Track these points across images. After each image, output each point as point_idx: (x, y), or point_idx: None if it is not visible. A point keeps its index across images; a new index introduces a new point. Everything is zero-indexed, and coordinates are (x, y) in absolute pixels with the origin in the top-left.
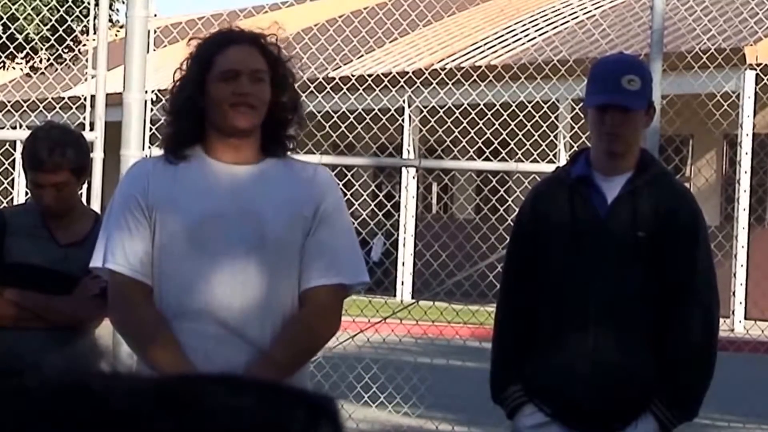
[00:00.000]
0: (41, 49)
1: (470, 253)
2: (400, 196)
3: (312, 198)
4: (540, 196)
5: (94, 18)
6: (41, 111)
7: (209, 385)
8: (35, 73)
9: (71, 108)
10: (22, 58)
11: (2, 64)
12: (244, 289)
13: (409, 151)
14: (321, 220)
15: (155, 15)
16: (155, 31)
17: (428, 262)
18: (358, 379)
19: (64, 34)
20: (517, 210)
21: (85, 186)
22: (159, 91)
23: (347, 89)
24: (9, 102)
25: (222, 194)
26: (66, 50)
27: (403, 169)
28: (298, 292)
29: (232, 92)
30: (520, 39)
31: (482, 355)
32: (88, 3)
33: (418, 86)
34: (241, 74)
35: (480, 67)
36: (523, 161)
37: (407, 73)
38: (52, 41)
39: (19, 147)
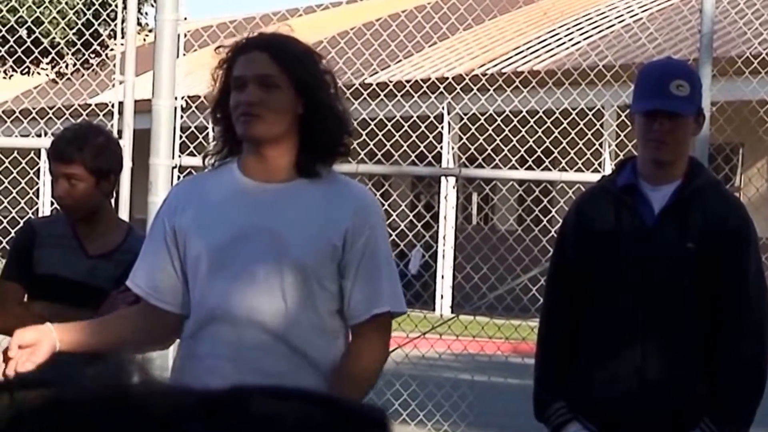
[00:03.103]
0: (67, 54)
1: (512, 266)
2: (439, 207)
3: (346, 229)
4: (584, 206)
5: (122, 22)
6: (67, 118)
7: (254, 394)
8: (61, 79)
9: (98, 115)
10: (47, 64)
11: (27, 70)
12: (268, 309)
13: (448, 160)
14: (364, 252)
15: (185, 18)
16: (185, 35)
17: (468, 275)
18: (397, 395)
19: (90, 39)
20: (561, 221)
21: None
22: (189, 97)
23: (384, 95)
24: (34, 109)
25: (249, 214)
26: (93, 55)
27: (443, 178)
28: (322, 316)
29: (239, 101)
30: (564, 43)
31: (525, 371)
32: (116, 6)
33: (458, 92)
34: (246, 81)
35: (522, 72)
36: (567, 170)
37: (447, 78)
38: (78, 46)
39: (44, 155)
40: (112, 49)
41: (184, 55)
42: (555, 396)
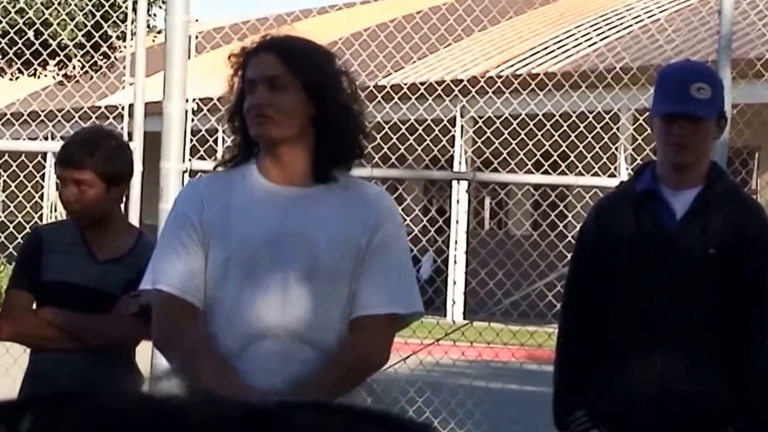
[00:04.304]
0: (75, 56)
1: (528, 272)
2: (450, 211)
3: (368, 227)
4: (603, 211)
5: (132, 23)
6: (76, 121)
7: (298, 406)
8: (69, 81)
9: (107, 117)
10: (54, 66)
11: (34, 72)
12: (292, 315)
13: (460, 164)
14: (377, 249)
15: (196, 20)
16: (197, 37)
17: (482, 281)
18: (411, 402)
19: (100, 41)
20: (579, 226)
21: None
22: (200, 99)
23: (398, 98)
24: (42, 111)
25: (273, 218)
26: (101, 57)
27: (454, 182)
28: (348, 320)
29: (250, 104)
30: (580, 44)
31: (540, 378)
32: (125, 8)
33: (472, 95)
34: (256, 84)
35: (538, 74)
36: (583, 174)
37: (461, 81)
38: (88, 48)
39: (50, 158)
40: (121, 51)
41: (195, 56)
42: (575, 404)
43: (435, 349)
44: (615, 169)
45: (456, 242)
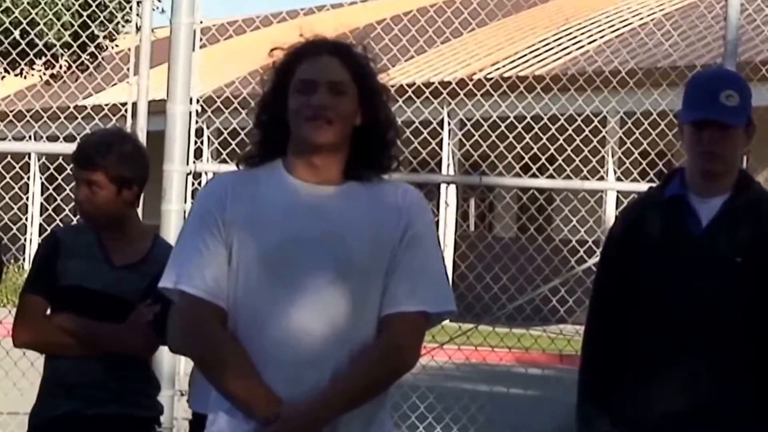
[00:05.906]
0: (62, 55)
1: (532, 276)
2: (439, 213)
3: (400, 223)
4: (631, 217)
5: (137, 26)
6: (73, 120)
7: None
8: (57, 80)
9: (110, 118)
10: (41, 65)
11: (21, 71)
12: (325, 316)
13: (449, 166)
14: (407, 245)
15: (201, 22)
16: (201, 39)
17: (487, 286)
18: (413, 408)
19: (104, 40)
20: (607, 232)
21: None
22: (204, 101)
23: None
24: (28, 111)
25: (304, 217)
26: (89, 57)
27: (442, 185)
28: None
29: (308, 104)
30: (569, 47)
31: (545, 382)
32: (130, 8)
33: (461, 97)
34: (317, 86)
35: (526, 77)
36: (589, 178)
37: (449, 83)
38: (92, 46)
39: (34, 158)
40: (107, 51)
41: (201, 47)
42: (599, 412)
43: (438, 353)
44: (605, 172)
45: (445, 245)
